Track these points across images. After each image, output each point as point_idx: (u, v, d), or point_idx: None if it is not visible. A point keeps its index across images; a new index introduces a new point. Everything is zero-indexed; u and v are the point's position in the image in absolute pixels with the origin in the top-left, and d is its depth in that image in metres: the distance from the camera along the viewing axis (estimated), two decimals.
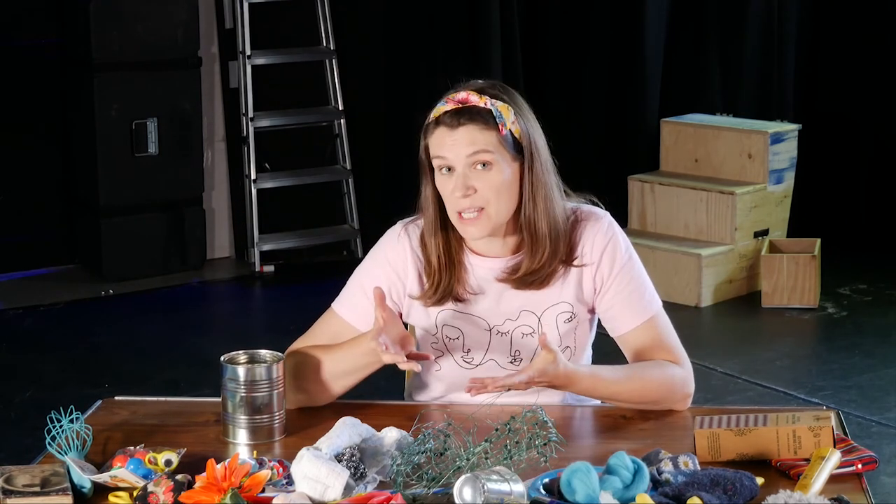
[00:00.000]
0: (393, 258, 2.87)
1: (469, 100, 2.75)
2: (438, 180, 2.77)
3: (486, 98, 2.75)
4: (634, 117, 7.25)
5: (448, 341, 2.86)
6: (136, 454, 2.49)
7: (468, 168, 2.73)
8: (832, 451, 2.39)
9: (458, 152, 2.73)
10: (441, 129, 2.75)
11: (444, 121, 2.75)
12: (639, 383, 2.76)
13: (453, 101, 2.75)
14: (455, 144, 2.73)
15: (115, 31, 6.66)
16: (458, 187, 2.73)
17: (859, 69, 7.28)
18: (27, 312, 6.41)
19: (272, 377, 2.67)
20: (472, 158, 2.72)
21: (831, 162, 7.34)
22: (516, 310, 2.84)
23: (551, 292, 2.83)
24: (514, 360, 2.85)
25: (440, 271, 2.82)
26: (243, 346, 2.77)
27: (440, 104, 2.77)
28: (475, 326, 2.85)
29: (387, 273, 2.87)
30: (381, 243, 2.91)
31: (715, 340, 6.09)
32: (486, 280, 2.84)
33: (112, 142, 6.73)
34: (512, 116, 2.76)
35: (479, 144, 2.73)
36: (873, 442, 4.77)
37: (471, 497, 2.18)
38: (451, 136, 2.73)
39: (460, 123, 2.73)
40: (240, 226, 7.24)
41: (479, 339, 2.85)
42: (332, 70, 7.12)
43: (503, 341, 2.85)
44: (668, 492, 2.30)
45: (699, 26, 7.30)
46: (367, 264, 2.91)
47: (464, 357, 2.87)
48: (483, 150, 2.73)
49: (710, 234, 6.60)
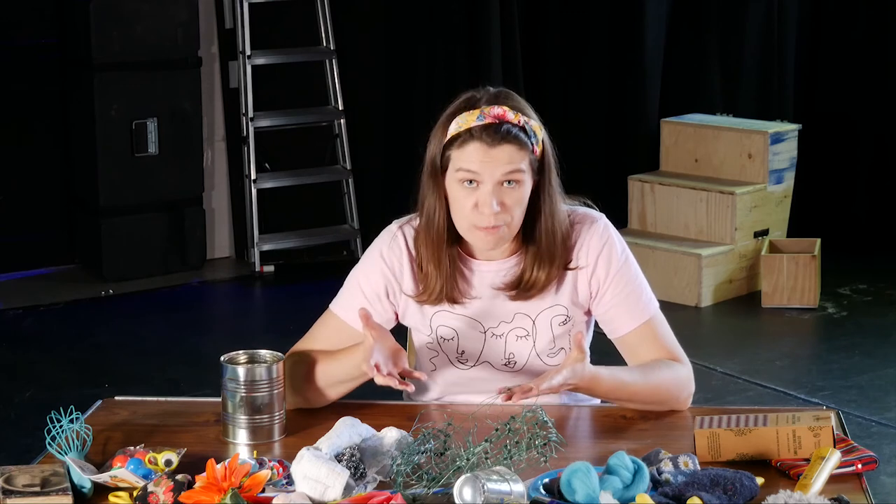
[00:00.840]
0: (389, 258, 2.86)
1: (506, 117, 2.72)
2: (457, 191, 2.73)
3: (520, 116, 2.73)
4: (634, 117, 7.24)
5: (442, 342, 2.86)
6: (136, 454, 2.49)
7: (497, 187, 2.71)
8: (832, 451, 2.39)
9: (494, 170, 2.70)
10: (476, 143, 2.70)
11: (480, 136, 2.70)
12: (653, 384, 2.76)
13: (490, 116, 2.71)
14: (492, 163, 2.69)
15: (115, 31, 6.66)
16: (487, 204, 2.69)
17: (859, 69, 7.28)
18: (27, 312, 6.41)
19: (272, 377, 2.67)
20: (506, 178, 2.70)
21: (831, 162, 7.34)
22: (511, 313, 2.84)
23: (546, 296, 2.83)
24: (507, 363, 2.85)
25: (440, 278, 2.81)
26: (243, 346, 2.77)
27: (473, 117, 2.71)
28: (469, 329, 2.85)
29: (383, 273, 2.86)
30: (377, 243, 2.90)
31: (715, 340, 6.09)
32: (482, 284, 2.84)
33: (112, 142, 6.73)
34: (542, 135, 2.76)
35: (514, 164, 2.71)
36: (873, 442, 4.77)
37: (471, 497, 2.18)
38: (488, 153, 2.69)
39: (500, 142, 2.69)
40: (240, 226, 7.24)
41: (473, 341, 2.85)
42: (332, 70, 7.12)
43: (497, 344, 2.85)
44: (668, 492, 2.30)
45: (699, 26, 7.30)
46: (363, 265, 2.90)
47: (458, 358, 2.86)
48: (517, 170, 2.71)
49: (709, 234, 6.60)
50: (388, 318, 2.88)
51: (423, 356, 2.91)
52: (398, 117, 7.21)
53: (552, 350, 2.84)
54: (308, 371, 2.82)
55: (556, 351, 2.84)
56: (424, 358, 2.91)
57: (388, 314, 2.88)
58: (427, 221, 2.81)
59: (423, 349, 2.90)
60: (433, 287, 2.82)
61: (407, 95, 7.17)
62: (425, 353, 2.90)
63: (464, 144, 2.71)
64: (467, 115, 2.73)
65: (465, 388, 2.87)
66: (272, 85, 7.08)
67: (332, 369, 2.80)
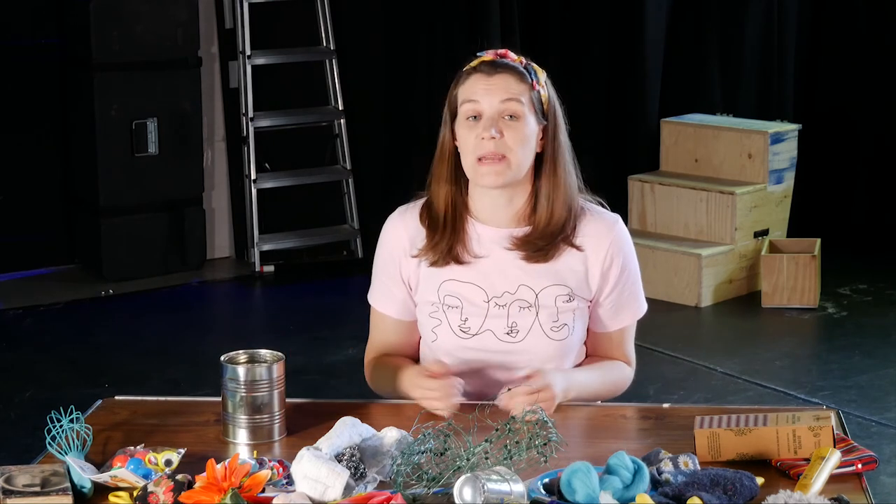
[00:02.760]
0: (395, 240, 2.94)
1: (508, 54, 2.88)
2: (463, 127, 2.84)
3: (523, 58, 2.89)
4: (634, 117, 7.24)
5: (447, 309, 2.89)
6: (136, 454, 2.49)
7: (497, 116, 2.81)
8: (832, 451, 2.39)
9: (492, 98, 2.82)
10: (477, 75, 2.85)
11: (480, 68, 2.85)
12: (607, 387, 2.94)
13: (492, 53, 2.87)
14: (490, 90, 2.82)
15: (115, 31, 6.66)
16: (486, 129, 2.79)
17: (859, 69, 7.28)
18: (27, 312, 6.41)
19: (272, 377, 2.67)
20: (504, 106, 2.81)
21: (831, 162, 7.34)
22: (515, 283, 2.87)
23: (551, 271, 2.87)
24: (510, 331, 2.87)
25: (444, 226, 2.88)
26: (243, 346, 2.77)
27: (477, 55, 2.88)
28: (474, 296, 2.88)
29: (392, 252, 2.94)
30: (383, 231, 2.98)
31: (715, 340, 6.09)
32: (488, 248, 2.88)
33: (112, 142, 6.73)
34: (544, 78, 2.90)
35: (512, 93, 2.83)
36: (873, 442, 4.77)
37: (471, 497, 2.18)
38: (486, 81, 2.83)
39: (497, 71, 2.84)
40: (240, 226, 7.24)
41: (477, 308, 2.88)
42: (332, 70, 7.12)
43: (500, 314, 2.87)
44: (668, 492, 2.30)
45: (699, 26, 7.30)
46: (377, 253, 3.00)
47: (461, 326, 2.89)
48: (516, 100, 2.82)
49: (710, 234, 6.60)
50: (408, 295, 2.96)
51: (426, 327, 2.93)
52: (398, 117, 7.21)
53: (555, 324, 2.87)
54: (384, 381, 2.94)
55: (559, 325, 2.87)
56: (427, 328, 2.93)
57: (406, 291, 2.95)
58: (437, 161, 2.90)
59: (426, 319, 2.93)
60: (441, 235, 2.88)
61: (407, 95, 7.17)
62: (428, 323, 2.92)
63: (467, 78, 2.87)
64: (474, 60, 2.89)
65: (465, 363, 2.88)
66: (272, 85, 7.08)
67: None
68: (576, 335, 2.90)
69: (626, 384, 2.98)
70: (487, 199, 2.87)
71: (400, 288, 2.94)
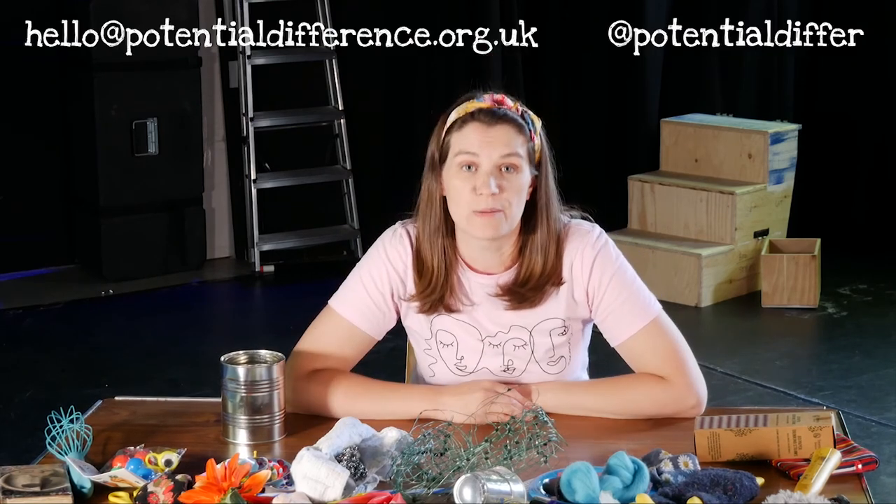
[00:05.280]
0: (394, 257, 2.83)
1: (505, 101, 2.74)
2: (455, 177, 2.72)
3: (519, 104, 2.76)
4: (634, 117, 7.24)
5: (441, 347, 2.84)
6: (136, 454, 2.49)
7: (495, 169, 2.70)
8: (832, 452, 2.39)
9: (492, 151, 2.69)
10: (475, 124, 2.71)
11: (479, 117, 2.71)
12: (617, 407, 2.76)
13: (490, 100, 2.73)
14: (490, 143, 2.69)
15: (115, 32, 6.64)
16: (485, 184, 2.67)
17: (859, 69, 7.27)
18: (27, 312, 6.41)
19: (272, 377, 2.66)
20: (504, 160, 2.70)
21: (831, 162, 7.34)
22: (507, 325, 2.81)
23: (542, 309, 2.81)
24: (507, 368, 2.83)
25: (436, 277, 2.78)
26: (243, 346, 2.77)
27: (473, 101, 2.74)
28: (468, 335, 2.82)
29: (388, 272, 2.83)
30: (381, 242, 2.86)
31: (715, 340, 6.09)
32: (478, 295, 2.81)
33: (112, 142, 6.73)
34: (539, 126, 2.77)
35: (512, 147, 2.70)
36: (873, 442, 4.77)
37: (471, 497, 2.18)
38: (486, 133, 2.70)
39: (496, 122, 2.71)
40: (240, 226, 7.24)
41: (472, 346, 2.83)
42: (332, 70, 7.12)
43: (496, 352, 2.83)
44: (668, 492, 2.30)
45: (699, 26, 7.29)
46: (367, 263, 2.86)
47: (457, 364, 2.84)
48: (515, 154, 2.70)
49: (709, 234, 6.60)
50: (390, 318, 2.85)
51: (423, 362, 2.90)
52: (398, 117, 7.21)
53: (552, 358, 2.83)
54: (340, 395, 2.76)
55: (556, 359, 2.83)
56: (424, 364, 2.90)
57: (391, 314, 2.85)
58: (426, 214, 2.79)
59: (422, 355, 2.89)
60: (433, 287, 2.79)
61: (407, 95, 7.17)
62: (424, 360, 2.89)
63: (463, 126, 2.72)
64: (467, 104, 2.75)
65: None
66: (272, 85, 7.08)
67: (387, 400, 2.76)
68: (574, 363, 2.86)
69: (653, 398, 2.75)
70: (476, 246, 2.78)
71: (383, 305, 2.83)
